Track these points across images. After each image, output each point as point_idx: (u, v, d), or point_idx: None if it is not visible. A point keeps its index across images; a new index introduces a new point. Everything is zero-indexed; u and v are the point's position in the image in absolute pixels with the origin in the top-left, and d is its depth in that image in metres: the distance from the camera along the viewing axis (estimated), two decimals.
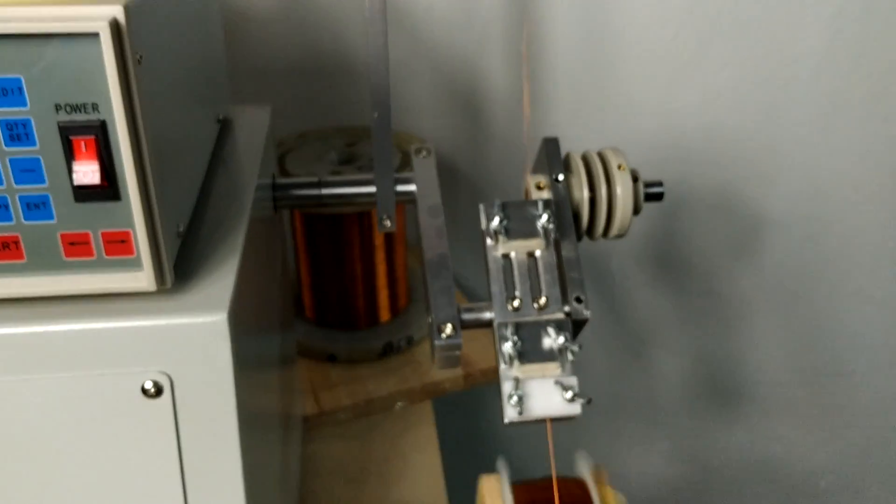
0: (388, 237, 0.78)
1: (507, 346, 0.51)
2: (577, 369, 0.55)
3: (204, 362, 0.37)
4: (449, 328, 0.51)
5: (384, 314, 0.82)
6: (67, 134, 0.32)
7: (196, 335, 0.37)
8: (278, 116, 0.63)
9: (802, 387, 1.13)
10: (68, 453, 0.38)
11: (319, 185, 0.56)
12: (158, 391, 0.37)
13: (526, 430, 1.06)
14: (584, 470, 0.51)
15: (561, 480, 0.51)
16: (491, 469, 0.53)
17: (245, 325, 0.41)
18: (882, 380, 1.12)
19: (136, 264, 0.36)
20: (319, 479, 0.68)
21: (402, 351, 0.80)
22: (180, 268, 0.39)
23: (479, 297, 0.93)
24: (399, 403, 0.74)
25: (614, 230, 0.57)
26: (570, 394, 0.52)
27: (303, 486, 0.67)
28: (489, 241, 0.52)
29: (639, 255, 1.02)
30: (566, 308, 0.53)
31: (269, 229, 0.55)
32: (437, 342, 0.50)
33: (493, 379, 0.79)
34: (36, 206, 0.34)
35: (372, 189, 0.56)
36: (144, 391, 0.37)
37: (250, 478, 0.40)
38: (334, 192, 0.57)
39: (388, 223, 0.57)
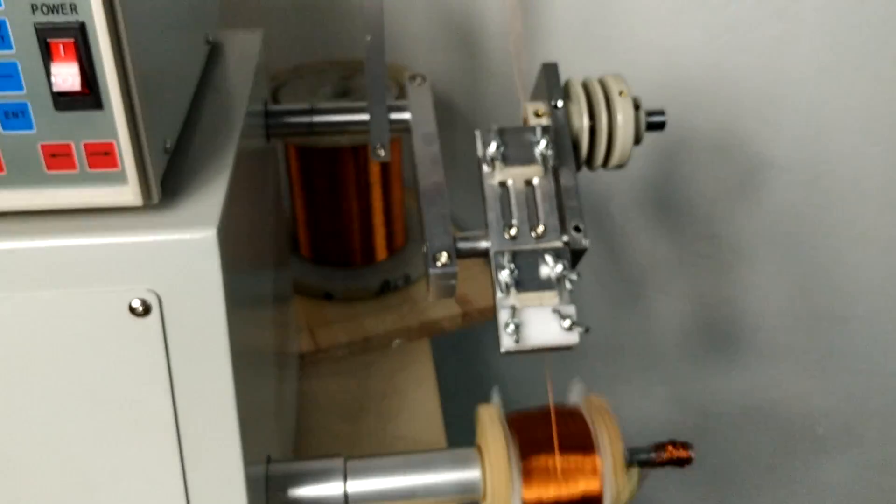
0: (385, 174, 0.77)
1: (504, 275, 0.50)
2: (574, 299, 0.55)
3: (192, 280, 0.36)
4: (444, 257, 0.50)
5: (381, 252, 0.81)
6: (45, 36, 0.31)
7: (184, 252, 0.36)
8: (272, 50, 0.61)
9: (801, 332, 1.12)
10: (55, 374, 0.37)
11: (311, 112, 0.55)
12: (146, 310, 0.37)
13: (523, 374, 1.07)
14: (578, 398, 0.51)
15: (559, 409, 0.51)
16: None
17: (235, 246, 0.40)
18: (881, 325, 1.12)
19: (120, 178, 0.35)
20: (316, 415, 0.68)
21: (400, 289, 0.79)
22: (168, 185, 0.38)
23: None
24: (396, 341, 0.74)
25: (614, 159, 0.56)
26: (567, 322, 0.51)
27: (300, 421, 0.67)
28: (486, 169, 0.50)
29: (639, 198, 1.01)
30: (564, 237, 0.52)
31: (261, 160, 0.54)
32: (432, 271, 0.49)
33: (491, 318, 0.79)
34: (14, 115, 0.33)
35: (365, 117, 0.55)
36: (132, 310, 0.36)
37: (242, 400, 0.40)
38: (327, 120, 0.55)
39: (381, 152, 0.56)
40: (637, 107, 0.54)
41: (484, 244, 0.52)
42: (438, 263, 0.50)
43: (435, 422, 0.67)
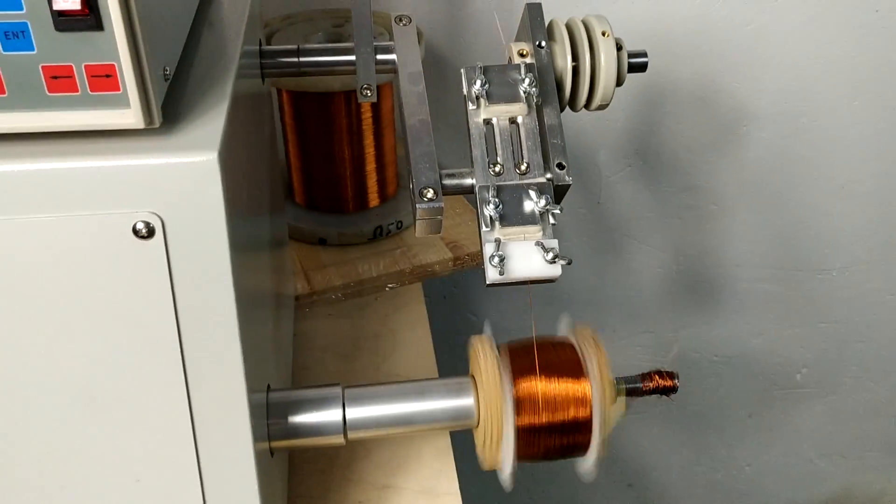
0: (377, 121, 0.78)
1: (489, 209, 0.51)
2: (557, 233, 0.56)
3: (195, 204, 0.38)
4: (430, 192, 0.51)
5: (373, 199, 0.82)
6: None
7: (186, 175, 0.37)
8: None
9: (782, 282, 1.15)
10: (59, 298, 0.38)
11: (301, 52, 0.56)
12: (150, 232, 0.38)
13: (510, 322, 1.08)
14: (567, 330, 0.53)
15: (549, 339, 0.52)
16: None
17: (235, 174, 0.41)
18: (860, 276, 1.15)
19: (122, 101, 0.36)
20: (311, 354, 0.69)
21: (392, 235, 0.80)
22: (168, 111, 0.39)
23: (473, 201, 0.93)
24: (390, 285, 0.75)
25: (597, 100, 0.57)
26: (550, 255, 0.53)
27: (296, 360, 0.69)
28: (470, 106, 0.52)
29: (624, 150, 1.02)
30: (548, 175, 0.53)
31: (257, 102, 0.55)
32: (418, 206, 0.50)
33: (482, 264, 0.81)
34: (15, 36, 0.33)
35: (353, 58, 0.56)
36: (136, 232, 0.38)
37: (244, 325, 0.41)
38: (316, 60, 0.57)
39: (367, 92, 0.57)
40: (619, 48, 0.55)
41: (469, 180, 0.53)
42: (425, 198, 0.51)
43: (428, 361, 0.69)
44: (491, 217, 0.53)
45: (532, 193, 0.54)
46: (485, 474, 0.58)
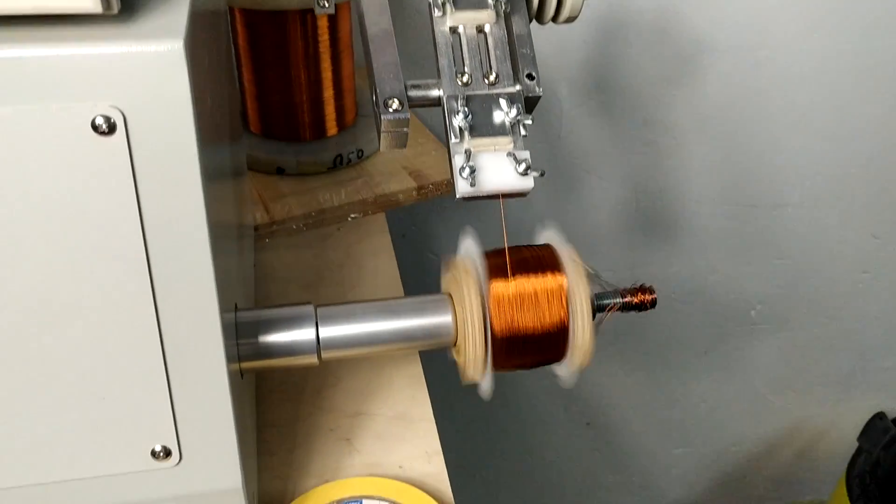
0: (334, 45, 0.75)
1: (458, 119, 0.49)
2: (528, 145, 0.55)
3: (160, 97, 0.35)
4: (395, 103, 0.49)
5: (331, 127, 0.79)
6: None
7: (150, 65, 0.34)
8: None
9: (739, 218, 1.15)
10: (12, 200, 0.35)
11: None
12: (111, 128, 0.35)
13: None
14: (552, 237, 0.51)
15: (528, 246, 0.51)
16: None
17: (200, 70, 0.38)
18: (816, 212, 1.16)
19: None
20: (274, 285, 0.67)
21: (353, 164, 0.78)
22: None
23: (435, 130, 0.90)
24: (352, 215, 0.73)
25: (565, 12, 0.55)
26: (522, 166, 0.51)
27: (258, 291, 0.66)
28: (436, 13, 0.49)
29: (585, 81, 1.01)
30: (517, 86, 0.52)
31: (215, 15, 0.51)
32: (384, 116, 0.48)
33: (446, 191, 0.79)
34: None
35: None
36: (95, 127, 0.34)
37: (214, 233, 0.38)
38: None
39: (325, 3, 0.54)
40: None
41: (436, 92, 0.51)
42: (390, 109, 0.49)
43: (395, 291, 0.67)
44: (460, 127, 0.51)
45: (502, 103, 0.52)
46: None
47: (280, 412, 0.57)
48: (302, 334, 0.46)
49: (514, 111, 0.52)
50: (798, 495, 1.58)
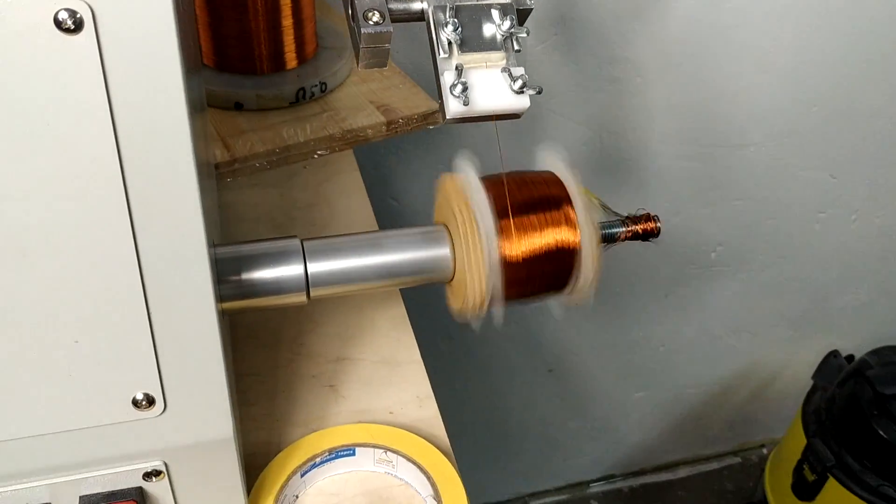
0: None
1: (446, 32, 0.46)
2: (522, 61, 0.51)
3: None
4: (376, 15, 0.45)
5: (291, 59, 0.74)
6: None
7: None
8: None
9: (700, 159, 1.14)
10: None
11: None
12: (77, 24, 0.30)
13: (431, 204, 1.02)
14: (554, 161, 0.48)
15: (530, 173, 0.48)
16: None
17: None
18: (776, 151, 1.15)
19: None
20: (241, 226, 0.62)
21: (317, 98, 0.73)
22: None
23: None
24: (319, 152, 0.68)
25: None
26: (518, 83, 0.48)
27: (225, 232, 0.61)
28: None
29: (550, 15, 0.97)
30: None
31: None
32: (363, 30, 0.44)
33: (417, 127, 0.74)
34: None
35: None
36: (58, 23, 0.29)
37: (196, 154, 0.34)
38: None
39: None
40: None
41: (419, 4, 0.47)
42: (370, 21, 0.44)
43: (371, 226, 0.63)
44: (449, 41, 0.47)
45: (494, 14, 0.49)
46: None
47: (257, 359, 0.53)
48: (288, 270, 0.42)
49: (507, 23, 0.48)
50: (752, 435, 1.61)
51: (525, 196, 0.45)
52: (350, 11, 0.47)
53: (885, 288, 1.39)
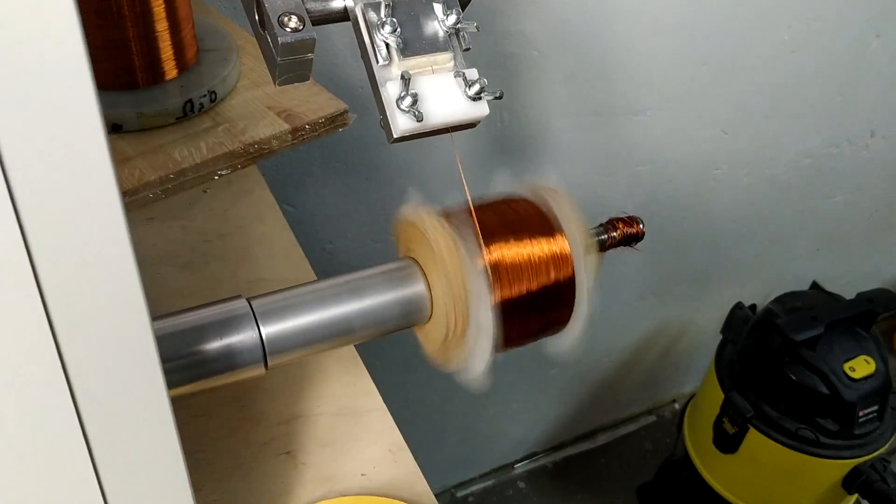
0: None
1: (384, 34, 0.39)
2: (474, 61, 0.45)
3: None
4: (294, 20, 0.38)
5: (170, 69, 0.64)
6: None
7: None
8: None
9: (600, 129, 1.11)
10: None
11: None
12: None
13: (330, 207, 0.95)
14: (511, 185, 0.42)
15: (499, 198, 0.42)
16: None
17: None
18: (671, 113, 1.14)
19: None
20: (146, 271, 0.52)
21: (206, 110, 0.63)
22: None
23: None
24: (221, 171, 0.59)
25: None
26: (475, 89, 0.42)
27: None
28: None
29: None
30: None
31: None
32: (281, 39, 0.37)
33: (326, 131, 0.67)
34: None
35: None
36: None
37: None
38: None
39: None
40: None
41: (340, 2, 0.40)
42: (287, 28, 0.37)
43: (295, 255, 0.55)
44: (388, 45, 0.40)
45: (437, 8, 0.42)
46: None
47: (193, 432, 0.45)
48: (240, 339, 0.35)
49: (452, 17, 0.42)
50: (663, 393, 1.63)
51: (503, 224, 0.39)
52: (258, 17, 0.40)
53: (777, 236, 1.43)
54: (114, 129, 0.60)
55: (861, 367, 1.20)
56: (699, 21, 1.06)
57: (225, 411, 0.46)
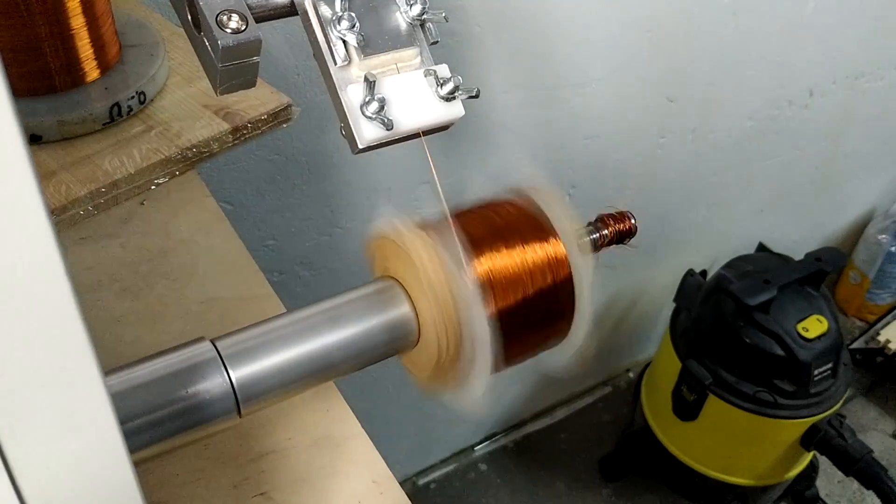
0: None
1: (341, 30, 0.35)
2: (446, 56, 0.42)
3: None
4: (235, 19, 0.33)
5: (91, 69, 0.58)
6: None
7: None
8: None
9: (546, 104, 1.08)
10: None
11: None
12: None
13: (266, 202, 0.90)
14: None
15: (482, 202, 0.38)
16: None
17: None
18: (616, 83, 1.12)
19: None
20: (83, 298, 0.47)
21: (137, 113, 0.58)
22: None
23: None
24: (157, 180, 0.54)
25: None
26: (448, 88, 0.39)
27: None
28: None
29: None
30: None
31: None
32: (221, 42, 0.32)
33: (269, 129, 0.62)
34: None
35: None
36: None
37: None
38: None
39: None
40: None
41: None
42: (227, 29, 0.33)
43: (248, 269, 0.51)
44: (346, 43, 0.36)
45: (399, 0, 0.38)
46: None
47: (154, 481, 0.40)
48: (208, 388, 0.30)
49: (416, 6, 0.38)
50: (617, 362, 1.62)
51: (487, 223, 0.35)
52: (191, 17, 0.35)
53: (721, 201, 1.43)
54: (33, 139, 0.54)
55: (814, 326, 1.21)
56: None
57: (186, 452, 0.42)
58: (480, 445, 1.51)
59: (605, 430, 1.56)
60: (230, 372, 0.30)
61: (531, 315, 0.34)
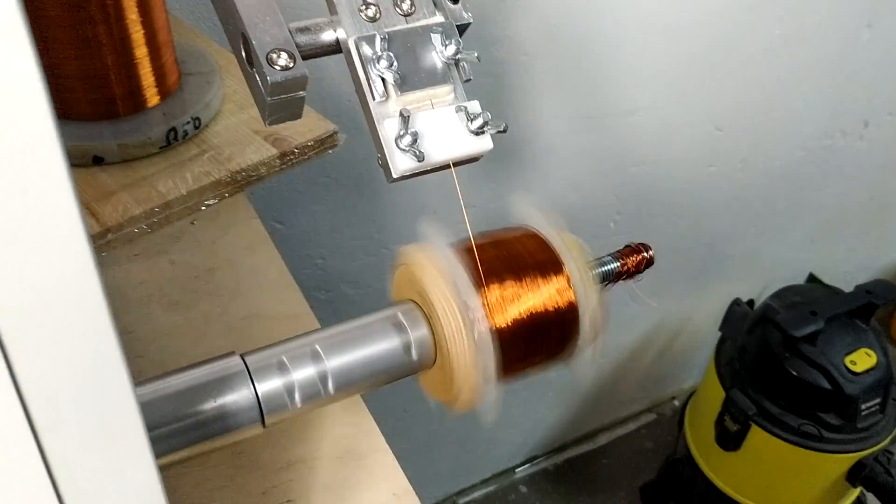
0: None
1: (380, 69, 0.37)
2: (476, 93, 0.44)
3: None
4: (284, 56, 0.36)
5: (152, 96, 0.62)
6: None
7: None
8: None
9: (592, 131, 1.10)
10: None
11: None
12: None
13: (321, 222, 0.93)
14: (527, 212, 0.41)
15: (504, 231, 0.40)
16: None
17: None
18: (664, 112, 1.13)
19: None
20: (130, 311, 0.51)
21: (192, 137, 0.61)
22: None
23: None
24: (207, 202, 0.58)
25: None
26: (478, 123, 0.41)
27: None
28: None
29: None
30: (437, 16, 0.41)
31: None
32: (270, 78, 0.35)
33: (316, 154, 0.65)
34: None
35: None
36: None
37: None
38: None
39: None
40: None
41: (330, 35, 0.39)
42: (276, 66, 0.36)
43: (288, 289, 0.53)
44: (384, 80, 0.39)
45: (435, 39, 0.41)
46: None
47: (187, 485, 0.43)
48: (234, 399, 0.33)
49: (451, 47, 0.40)
50: (662, 390, 1.62)
51: (503, 257, 0.37)
52: (245, 55, 0.38)
53: (770, 231, 1.42)
54: (95, 161, 0.58)
55: (862, 360, 1.19)
56: (689, 18, 1.04)
57: (219, 459, 0.44)
58: (521, 467, 1.51)
59: (647, 457, 1.55)
60: (256, 385, 0.33)
61: (532, 339, 0.36)
